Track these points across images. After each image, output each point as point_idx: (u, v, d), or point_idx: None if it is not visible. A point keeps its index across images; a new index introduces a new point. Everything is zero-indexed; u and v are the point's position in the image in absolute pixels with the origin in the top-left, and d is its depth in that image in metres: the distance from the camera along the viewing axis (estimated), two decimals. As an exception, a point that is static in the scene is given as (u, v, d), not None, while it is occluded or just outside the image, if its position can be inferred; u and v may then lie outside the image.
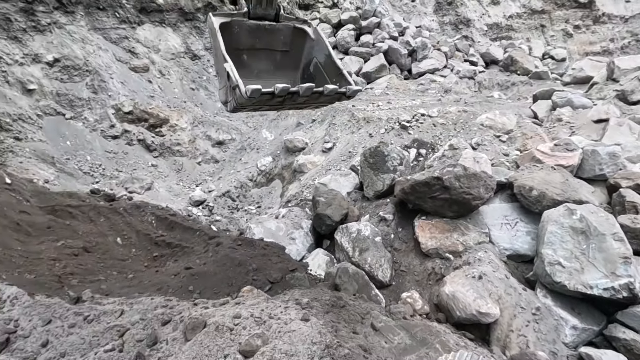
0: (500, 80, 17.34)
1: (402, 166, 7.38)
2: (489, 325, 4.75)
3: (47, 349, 3.12)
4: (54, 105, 10.53)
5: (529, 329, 4.61)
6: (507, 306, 4.81)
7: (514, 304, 4.80)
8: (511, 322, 4.71)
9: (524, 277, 5.45)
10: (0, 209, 5.68)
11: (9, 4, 10.39)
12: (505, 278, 5.09)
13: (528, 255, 5.60)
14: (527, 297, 4.87)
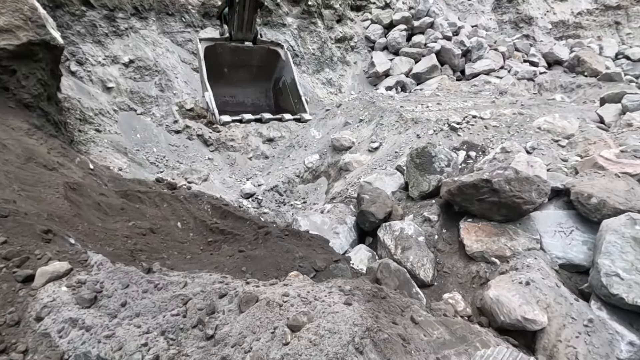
0: (563, 82, 16.20)
1: (449, 168, 7.31)
2: (535, 333, 4.63)
3: (126, 308, 3.63)
4: (127, 102, 11.78)
5: (579, 341, 4.43)
6: (556, 315, 4.64)
7: (564, 313, 4.63)
8: (560, 332, 4.55)
9: (577, 288, 5.20)
10: (86, 190, 6.55)
11: (95, 11, 11.79)
12: (555, 286, 4.91)
13: (583, 266, 5.33)
14: (579, 308, 4.66)
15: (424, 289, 5.74)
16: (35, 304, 3.42)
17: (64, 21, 11.21)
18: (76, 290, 3.64)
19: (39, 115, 7.76)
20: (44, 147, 7.07)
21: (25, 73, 7.42)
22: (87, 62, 11.57)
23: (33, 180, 5.75)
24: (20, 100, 7.39)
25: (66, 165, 7.10)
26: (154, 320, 3.39)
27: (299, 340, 2.93)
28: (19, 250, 3.76)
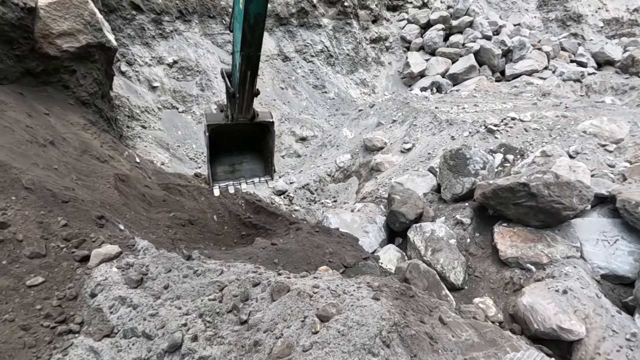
0: (615, 84, 15.19)
1: (484, 170, 7.13)
2: (571, 344, 4.46)
3: (168, 291, 3.91)
4: (170, 100, 12.47)
5: (620, 355, 4.22)
6: (595, 327, 4.45)
7: (604, 325, 4.42)
8: (599, 344, 4.35)
9: (620, 301, 4.94)
10: (132, 182, 7.05)
11: (144, 15, 12.58)
12: (595, 297, 4.69)
13: (628, 278, 5.05)
14: (620, 321, 4.43)
15: (454, 292, 5.67)
16: (90, 281, 3.78)
17: (117, 25, 12.07)
18: (125, 271, 3.98)
19: (94, 112, 8.44)
20: (98, 141, 7.68)
21: (84, 73, 8.10)
22: (135, 62, 12.38)
23: (88, 170, 6.29)
24: (78, 98, 8.08)
25: (116, 158, 7.68)
26: (193, 303, 3.64)
27: (328, 330, 3.04)
28: (77, 232, 4.16)
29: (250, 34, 4.46)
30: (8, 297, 3.32)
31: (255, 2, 4.19)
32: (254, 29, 4.43)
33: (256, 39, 4.54)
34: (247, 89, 5.11)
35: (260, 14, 4.34)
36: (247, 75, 4.91)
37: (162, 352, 3.17)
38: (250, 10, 4.25)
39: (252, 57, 4.72)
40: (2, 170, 4.29)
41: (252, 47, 4.61)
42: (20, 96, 6.85)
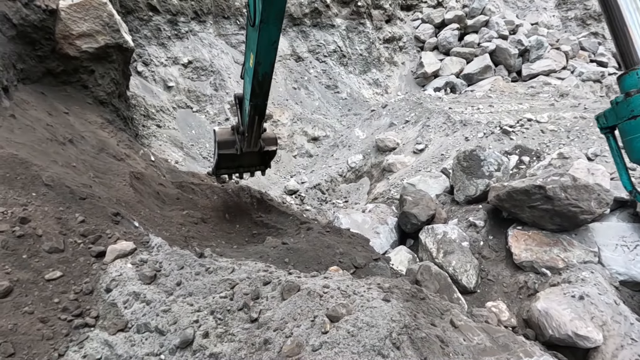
0: (637, 84, 14.68)
1: (499, 172, 7.01)
2: (588, 352, 4.35)
3: (180, 287, 3.97)
4: (185, 100, 12.66)
5: (639, 364, 4.09)
6: (613, 334, 4.32)
7: (623, 333, 4.29)
8: (617, 352, 4.23)
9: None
10: (147, 180, 7.18)
11: (161, 16, 12.81)
12: (614, 304, 4.56)
13: (649, 284, 4.89)
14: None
15: (466, 295, 5.59)
16: (105, 276, 3.87)
17: (134, 25, 12.32)
18: (139, 267, 4.06)
19: (111, 111, 8.64)
20: (114, 140, 7.85)
21: (102, 73, 8.30)
22: (151, 62, 12.61)
23: (105, 168, 6.44)
24: (96, 97, 8.29)
25: (132, 157, 7.84)
26: (205, 301, 3.69)
27: (338, 330, 3.04)
28: (94, 229, 4.26)
29: (258, 88, 5.15)
30: (28, 290, 3.43)
31: (263, 65, 4.84)
32: (262, 84, 5.12)
33: (264, 91, 5.23)
34: (255, 129, 5.85)
35: (267, 73, 5.00)
36: (255, 119, 5.63)
37: (174, 348, 3.22)
38: (259, 70, 4.91)
39: (259, 106, 5.43)
40: (23, 167, 4.44)
41: (259, 98, 5.29)
42: (41, 95, 7.06)
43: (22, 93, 6.44)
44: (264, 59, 4.81)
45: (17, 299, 3.33)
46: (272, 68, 5.00)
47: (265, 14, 4.26)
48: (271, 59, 4.89)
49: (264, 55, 4.76)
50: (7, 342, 2.97)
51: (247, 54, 5.17)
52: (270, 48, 4.69)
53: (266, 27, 4.41)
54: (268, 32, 4.47)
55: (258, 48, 4.64)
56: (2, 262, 3.52)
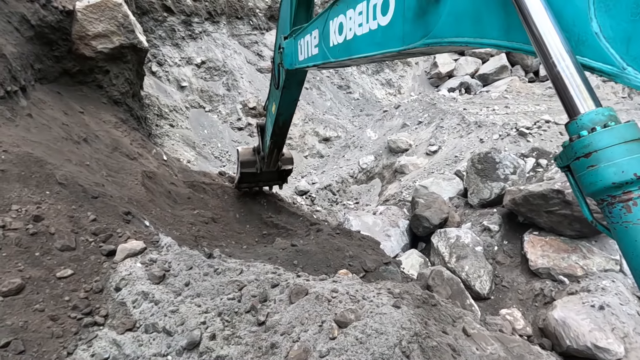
0: (661, 85, 14.15)
1: (515, 175, 6.82)
2: (608, 364, 4.16)
3: (189, 288, 3.96)
4: (198, 100, 12.77)
5: (663, 379, 3.89)
6: (635, 347, 4.13)
7: (646, 346, 4.10)
8: (639, 366, 4.04)
9: (664, 320, 4.56)
10: (159, 179, 7.24)
11: (175, 17, 12.95)
12: (636, 315, 4.36)
13: (674, 295, 4.66)
14: (665, 342, 4.09)
15: (479, 302, 5.44)
16: (115, 275, 3.88)
17: (149, 26, 12.48)
18: (148, 267, 4.06)
19: (125, 110, 8.75)
20: (128, 139, 7.95)
21: (116, 73, 8.42)
22: (165, 63, 12.76)
23: (117, 167, 6.51)
24: (110, 97, 8.41)
25: (144, 156, 7.92)
26: (212, 302, 3.66)
27: (346, 336, 2.97)
28: (105, 227, 4.30)
29: (278, 130, 5.98)
30: (39, 288, 3.46)
31: (284, 115, 5.61)
32: (282, 129, 5.96)
33: (283, 133, 6.08)
34: (274, 157, 6.87)
35: (287, 121, 5.79)
36: (274, 150, 6.65)
37: (181, 349, 3.20)
38: (279, 119, 5.67)
39: (278, 142, 6.39)
40: (38, 165, 4.50)
41: (279, 137, 6.19)
42: (57, 95, 7.19)
43: (39, 93, 6.57)
44: (285, 111, 5.55)
45: (29, 296, 3.37)
46: (292, 117, 5.81)
47: (287, 82, 4.91)
48: (291, 111, 5.66)
49: (285, 109, 5.52)
50: (18, 340, 3.00)
51: (270, 101, 5.90)
52: (291, 104, 5.46)
53: (288, 91, 5.10)
54: (290, 94, 5.20)
55: (280, 103, 5.35)
56: (15, 260, 3.57)
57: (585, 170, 1.22)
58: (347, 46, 3.07)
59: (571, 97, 1.29)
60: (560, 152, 1.34)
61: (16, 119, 5.33)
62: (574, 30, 1.42)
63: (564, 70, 1.30)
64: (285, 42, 4.51)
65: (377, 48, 2.66)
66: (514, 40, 1.64)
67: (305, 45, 3.93)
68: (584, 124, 1.23)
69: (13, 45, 6.05)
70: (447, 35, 1.98)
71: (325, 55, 3.48)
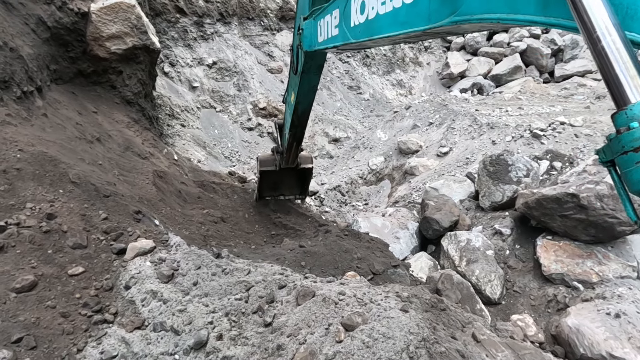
0: (683, 86, 13.71)
1: (528, 178, 6.68)
2: (624, 374, 4.03)
3: (197, 287, 3.98)
4: (209, 100, 12.88)
5: (682, 392, 3.75)
6: (652, 357, 3.99)
7: (664, 356, 3.96)
8: (657, 377, 3.90)
9: (684, 330, 4.40)
10: (170, 178, 7.32)
11: (187, 18, 13.10)
12: (654, 324, 4.22)
13: (694, 304, 4.49)
14: (684, 353, 3.95)
15: (490, 307, 5.34)
16: (125, 274, 3.93)
17: (162, 27, 12.65)
18: (157, 266, 4.10)
19: (137, 111, 8.88)
20: (139, 138, 8.06)
21: (129, 73, 8.55)
22: (177, 63, 12.91)
23: (129, 166, 6.60)
24: (123, 97, 8.54)
25: (155, 155, 8.02)
26: (220, 302, 3.67)
27: (352, 340, 2.94)
28: (116, 226, 4.35)
29: (297, 121, 5.84)
30: (51, 285, 3.52)
31: (302, 103, 5.48)
32: (301, 119, 5.81)
33: (302, 124, 5.94)
34: (293, 151, 6.72)
35: (306, 110, 5.66)
36: (293, 144, 6.50)
37: (188, 349, 3.22)
38: (298, 108, 5.55)
39: (297, 134, 6.21)
40: (52, 164, 4.59)
41: (298, 129, 6.05)
42: (72, 95, 7.34)
43: (54, 93, 6.70)
44: (304, 99, 5.43)
45: (41, 293, 3.43)
46: (311, 106, 5.67)
47: (307, 66, 4.77)
48: (310, 100, 5.51)
49: (304, 97, 5.39)
50: (30, 336, 3.05)
51: (289, 91, 5.81)
52: (310, 91, 5.32)
53: (307, 77, 4.97)
54: (309, 80, 5.06)
55: (299, 91, 5.23)
56: (28, 257, 3.64)
57: (634, 166, 1.09)
58: (368, 26, 2.96)
59: (619, 83, 1.15)
60: (603, 145, 1.22)
61: (32, 118, 5.45)
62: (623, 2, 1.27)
63: (610, 45, 1.15)
64: (304, 23, 4.37)
65: (400, 27, 2.53)
66: (551, 15, 1.48)
67: (325, 26, 3.84)
68: (635, 114, 1.09)
69: (30, 46, 6.20)
70: (477, 12, 1.82)
71: (345, 36, 3.37)
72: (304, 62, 4.70)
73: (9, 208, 3.88)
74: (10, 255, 3.54)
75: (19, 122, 5.01)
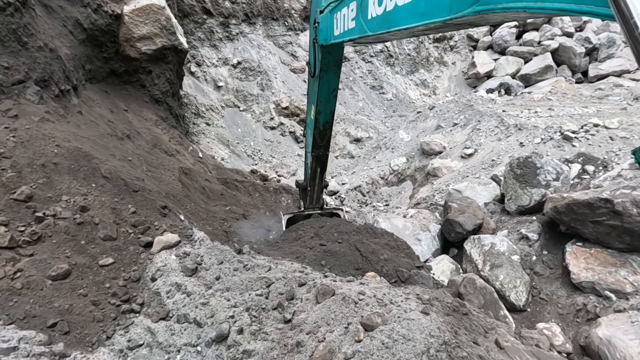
0: None
1: (557, 182, 6.43)
2: (659, 391, 3.82)
3: (219, 282, 4.07)
4: (233, 99, 13.13)
5: None
6: (691, 374, 3.76)
7: None
8: (696, 396, 3.68)
9: None
10: (195, 175, 7.51)
11: (214, 19, 13.40)
12: (694, 339, 3.97)
13: None
14: None
15: (514, 314, 5.18)
16: (151, 266, 4.07)
17: (189, 28, 13.01)
18: (182, 259, 4.23)
19: (165, 109, 9.18)
20: (166, 136, 8.32)
21: (158, 73, 8.84)
22: (204, 63, 13.24)
23: (157, 163, 6.83)
24: (152, 96, 8.85)
25: (181, 153, 8.25)
26: (241, 297, 3.75)
27: (372, 340, 2.93)
28: (144, 220, 4.52)
29: (319, 138, 5.45)
30: (83, 274, 3.70)
31: (323, 114, 5.19)
32: (323, 134, 5.42)
33: (325, 141, 5.51)
34: (317, 182, 6.11)
35: (328, 122, 5.32)
36: (317, 171, 5.92)
37: (210, 341, 3.30)
38: (319, 120, 5.24)
39: (321, 157, 5.72)
40: (86, 159, 4.82)
41: (321, 149, 5.60)
42: (105, 94, 7.67)
43: (89, 91, 7.02)
44: (324, 107, 5.16)
45: (74, 281, 3.61)
46: (333, 118, 5.36)
47: (324, 62, 4.62)
48: (331, 108, 5.23)
49: (324, 104, 5.12)
50: (64, 321, 3.22)
51: (309, 107, 5.56)
52: (330, 96, 5.06)
53: (325, 76, 4.79)
54: (328, 80, 4.85)
55: (318, 97, 5.02)
56: (63, 247, 3.84)
57: None
58: (386, 18, 2.89)
59: None
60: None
61: (68, 115, 5.74)
62: None
63: None
64: (320, 16, 4.31)
65: (419, 19, 2.44)
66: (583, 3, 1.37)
67: (341, 19, 3.79)
68: None
69: (67, 47, 6.52)
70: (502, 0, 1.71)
71: (362, 29, 3.31)
72: (322, 58, 4.57)
73: (47, 200, 4.09)
74: (47, 244, 3.75)
75: (56, 119, 5.29)
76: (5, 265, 3.39)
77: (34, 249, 3.65)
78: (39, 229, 3.78)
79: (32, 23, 5.42)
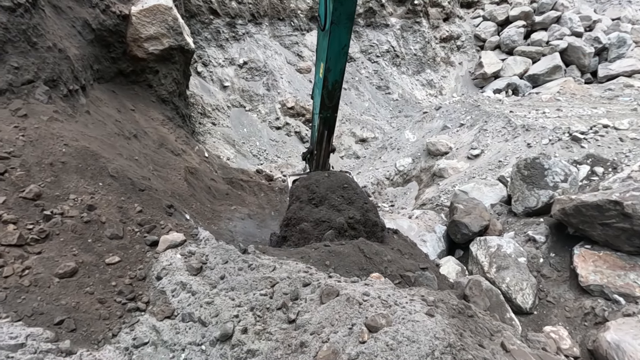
0: None
1: (565, 183, 6.35)
2: (669, 397, 3.75)
3: (223, 281, 4.08)
4: (239, 99, 13.19)
5: None
6: (703, 380, 3.69)
7: None
8: None
9: None
10: (200, 175, 7.55)
11: (221, 19, 13.47)
12: None
13: None
14: None
15: (520, 316, 5.13)
16: (157, 265, 4.10)
17: (196, 29, 13.09)
18: (187, 259, 4.25)
19: (171, 109, 9.24)
20: (173, 136, 8.37)
21: (165, 73, 8.91)
22: (210, 63, 13.31)
23: (163, 162, 6.88)
24: (159, 96, 8.91)
25: (187, 152, 8.30)
26: (246, 296, 3.75)
27: (376, 341, 2.92)
28: (150, 219, 4.55)
29: (328, 98, 5.18)
30: (90, 272, 3.74)
31: (333, 72, 4.90)
32: (332, 94, 5.15)
33: (333, 103, 5.25)
34: (324, 146, 5.86)
35: (337, 81, 5.04)
36: (324, 135, 5.68)
37: (215, 340, 3.31)
38: (329, 78, 4.97)
39: (329, 119, 5.47)
40: (93, 159, 4.86)
41: (329, 110, 5.35)
42: (112, 94, 7.74)
43: (96, 91, 7.09)
44: (334, 65, 4.87)
45: (81, 279, 3.65)
46: (342, 76, 5.07)
47: (336, 14, 4.34)
48: (341, 66, 4.94)
49: (334, 62, 4.83)
50: (70, 319, 3.25)
51: (317, 66, 5.30)
52: (340, 53, 4.75)
53: (336, 29, 4.48)
54: (338, 34, 4.54)
55: (328, 54, 4.73)
56: (70, 245, 3.88)
57: None
58: None
59: None
60: None
61: (76, 115, 5.80)
62: None
63: None
64: None
65: None
66: None
67: None
68: None
69: (76, 47, 6.59)
70: None
71: None
72: (333, 9, 4.30)
73: (55, 198, 4.14)
74: (54, 242, 3.79)
75: (64, 118, 5.35)
76: (14, 262, 3.43)
77: (42, 247, 3.69)
78: (47, 227, 3.82)
79: (41, 24, 5.48)
